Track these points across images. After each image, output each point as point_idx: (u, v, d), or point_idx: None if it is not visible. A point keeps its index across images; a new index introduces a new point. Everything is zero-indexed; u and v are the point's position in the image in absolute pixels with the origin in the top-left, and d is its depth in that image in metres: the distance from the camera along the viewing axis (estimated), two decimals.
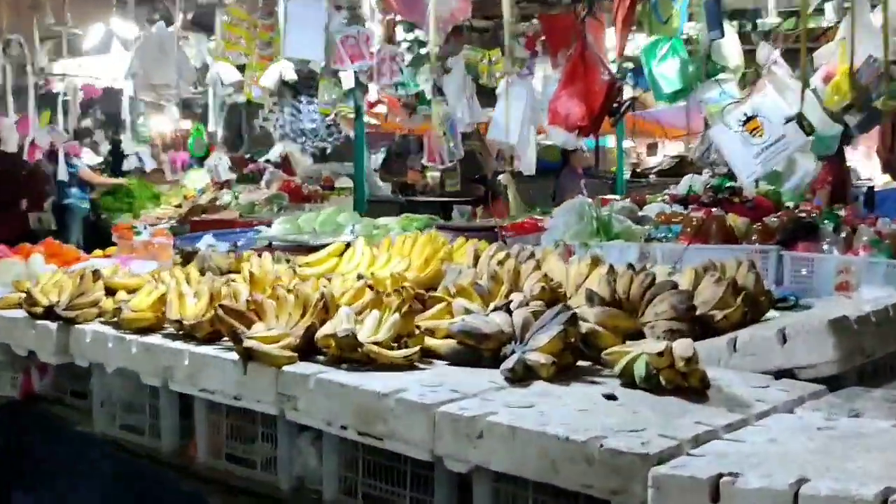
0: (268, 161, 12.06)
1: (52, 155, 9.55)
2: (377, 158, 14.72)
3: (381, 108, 9.63)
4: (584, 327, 2.34)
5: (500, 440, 1.85)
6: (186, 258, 3.73)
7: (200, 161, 13.02)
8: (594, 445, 1.72)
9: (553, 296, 2.64)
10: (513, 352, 2.25)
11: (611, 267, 2.80)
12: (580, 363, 2.33)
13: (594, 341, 2.33)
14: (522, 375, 2.17)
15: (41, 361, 3.18)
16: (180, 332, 2.71)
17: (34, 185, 13.74)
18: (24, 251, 4.34)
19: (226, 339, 2.53)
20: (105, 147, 13.40)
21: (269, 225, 5.69)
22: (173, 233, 5.39)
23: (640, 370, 2.10)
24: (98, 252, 4.81)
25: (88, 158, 14.70)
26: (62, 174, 8.24)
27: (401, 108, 8.87)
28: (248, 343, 2.35)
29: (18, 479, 3.13)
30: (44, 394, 3.33)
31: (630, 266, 2.82)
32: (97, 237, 9.27)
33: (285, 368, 2.32)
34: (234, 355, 2.43)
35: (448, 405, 1.98)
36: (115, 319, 2.88)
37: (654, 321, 2.50)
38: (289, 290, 2.64)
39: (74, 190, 10.76)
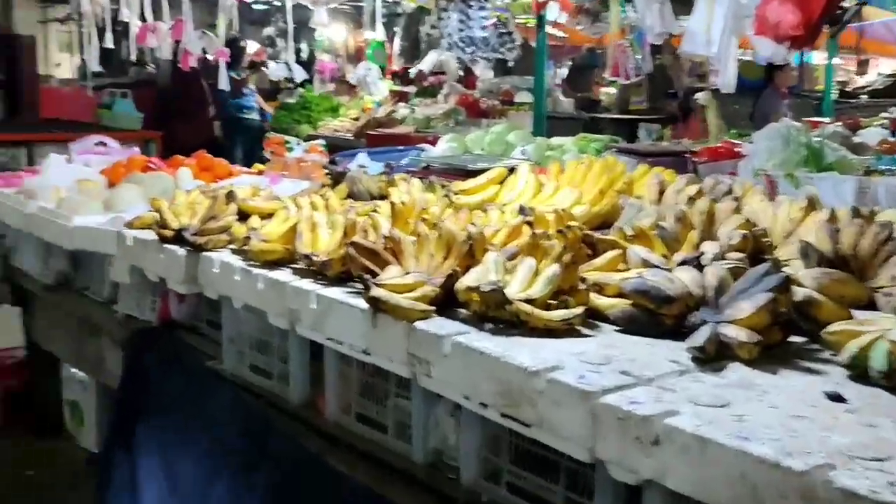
0: (421, 71, 11.63)
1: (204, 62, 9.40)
2: (562, 73, 14.04)
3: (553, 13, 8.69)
4: (798, 293, 1.81)
5: (682, 452, 1.38)
6: (336, 179, 3.39)
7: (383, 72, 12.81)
8: (818, 478, 1.23)
9: (756, 247, 2.10)
10: (703, 322, 1.75)
11: (832, 212, 2.22)
12: (791, 338, 1.81)
13: (812, 313, 1.80)
14: (715, 356, 1.68)
15: None
16: (310, 269, 2.36)
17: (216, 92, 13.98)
18: (176, 163, 4.15)
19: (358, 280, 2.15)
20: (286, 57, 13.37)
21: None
22: (330, 149, 5.11)
23: (878, 361, 1.57)
24: (254, 167, 4.59)
25: (274, 68, 14.83)
26: (223, 83, 8.10)
27: (581, 15, 8.15)
28: (375, 291, 1.95)
29: (142, 411, 2.92)
30: (181, 321, 3.09)
31: (855, 211, 2.23)
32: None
33: (418, 325, 1.91)
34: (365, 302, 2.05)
35: (615, 395, 1.52)
36: (245, 248, 2.56)
37: (894, 289, 1.93)
38: (432, 226, 2.23)
39: (241, 101, 10.70)
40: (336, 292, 2.20)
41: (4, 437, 4.63)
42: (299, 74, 13.16)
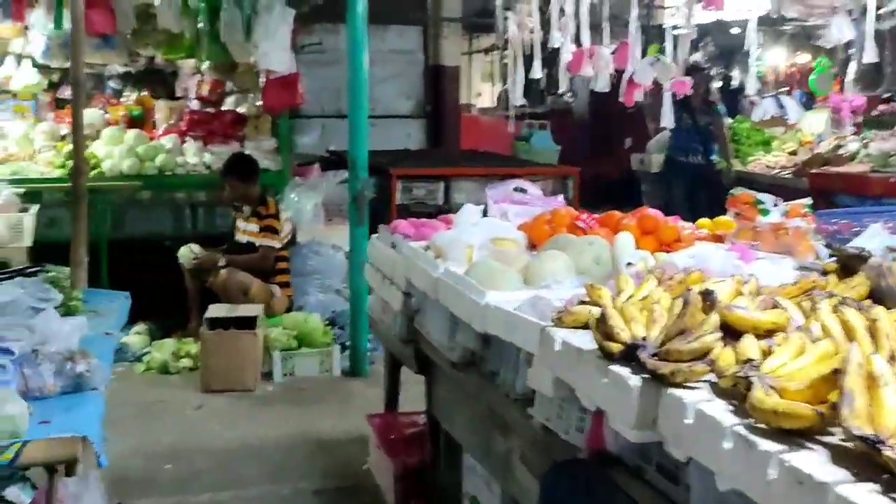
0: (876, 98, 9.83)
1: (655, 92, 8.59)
2: None
3: None
4: None
5: None
6: (846, 264, 2.33)
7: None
8: None
9: None
10: None
11: None
12: None
13: None
14: None
15: None
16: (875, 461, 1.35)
17: (637, 123, 13.27)
18: (612, 222, 3.32)
19: None
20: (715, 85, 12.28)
21: None
22: (761, 188, 3.99)
23: None
24: (706, 223, 3.63)
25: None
26: (666, 120, 7.20)
27: None
28: None
29: None
30: (619, 456, 2.22)
31: None
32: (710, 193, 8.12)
33: None
34: None
35: None
36: (739, 392, 1.62)
37: None
38: None
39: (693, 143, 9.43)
40: None
41: None
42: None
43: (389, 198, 7.66)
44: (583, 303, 2.30)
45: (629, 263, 2.77)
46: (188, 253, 6.32)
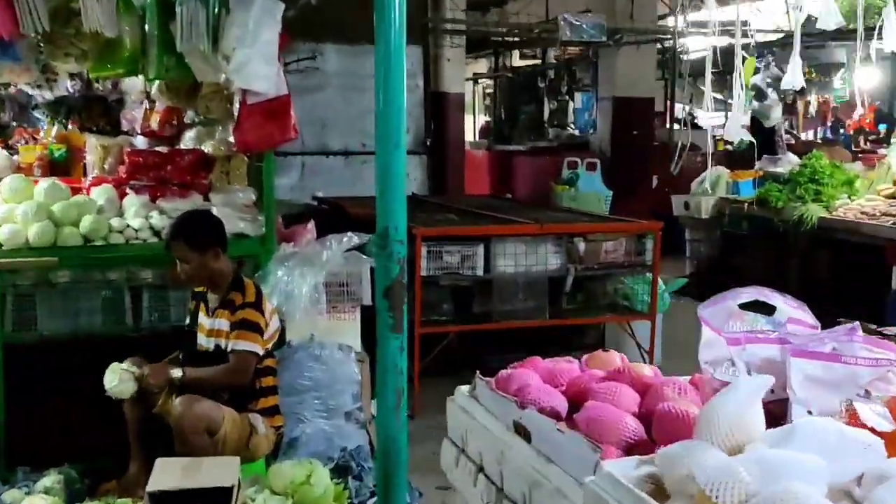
0: None
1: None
2: None
3: None
4: None
5: None
6: None
7: None
8: None
9: None
10: None
11: None
12: None
13: None
14: None
15: None
16: None
17: (663, 158, 11.31)
18: None
19: None
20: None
21: None
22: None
23: None
24: None
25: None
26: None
27: None
28: None
29: None
30: None
31: None
32: None
33: None
34: None
35: None
36: None
37: None
38: None
39: None
40: None
41: None
42: None
43: (410, 267, 5.52)
44: None
45: None
46: (120, 378, 4.09)
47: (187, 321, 4.55)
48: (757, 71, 12.17)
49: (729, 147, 15.87)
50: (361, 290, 4.96)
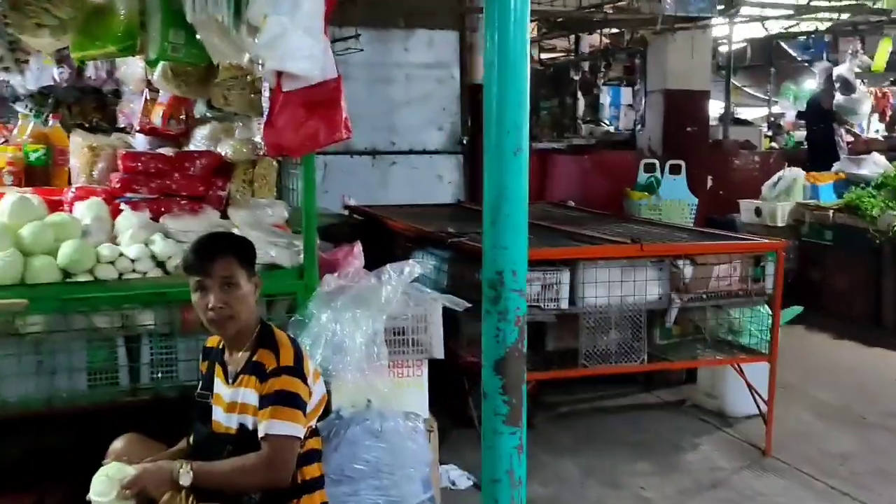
0: None
1: None
2: None
3: None
4: None
5: None
6: None
7: None
8: None
9: None
10: None
11: None
12: None
13: None
14: None
15: None
16: None
17: (719, 158, 10.22)
18: None
19: None
20: None
21: None
22: None
23: None
24: None
25: None
26: None
27: None
28: None
29: None
30: None
31: None
32: None
33: None
34: None
35: None
36: None
37: None
38: None
39: None
40: None
41: None
42: None
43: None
44: None
45: None
46: (110, 485, 2.86)
47: (198, 388, 3.32)
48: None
49: (774, 146, 14.69)
50: (430, 339, 3.77)
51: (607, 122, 15.27)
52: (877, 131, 15.45)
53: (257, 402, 3.03)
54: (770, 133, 15.28)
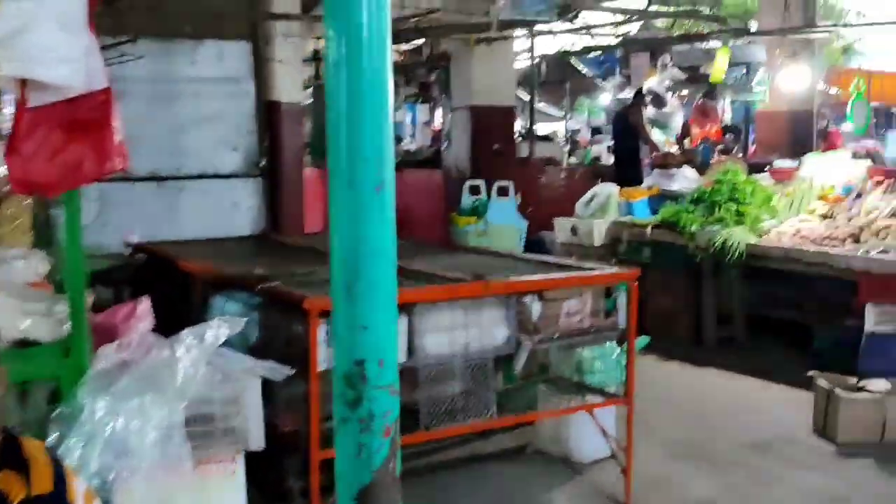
0: None
1: None
2: None
3: None
4: None
5: None
6: None
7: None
8: None
9: None
10: None
11: None
12: None
13: None
14: None
15: None
16: None
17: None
18: None
19: None
20: None
21: None
22: None
23: None
24: None
25: None
26: None
27: None
28: None
29: None
30: None
31: None
32: None
33: None
34: None
35: None
36: None
37: None
38: None
39: None
40: None
41: None
42: None
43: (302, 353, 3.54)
44: None
45: None
46: None
47: None
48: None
49: (573, 161, 14.66)
50: (246, 425, 2.93)
51: (408, 141, 14.79)
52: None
53: None
54: (568, 148, 15.27)
